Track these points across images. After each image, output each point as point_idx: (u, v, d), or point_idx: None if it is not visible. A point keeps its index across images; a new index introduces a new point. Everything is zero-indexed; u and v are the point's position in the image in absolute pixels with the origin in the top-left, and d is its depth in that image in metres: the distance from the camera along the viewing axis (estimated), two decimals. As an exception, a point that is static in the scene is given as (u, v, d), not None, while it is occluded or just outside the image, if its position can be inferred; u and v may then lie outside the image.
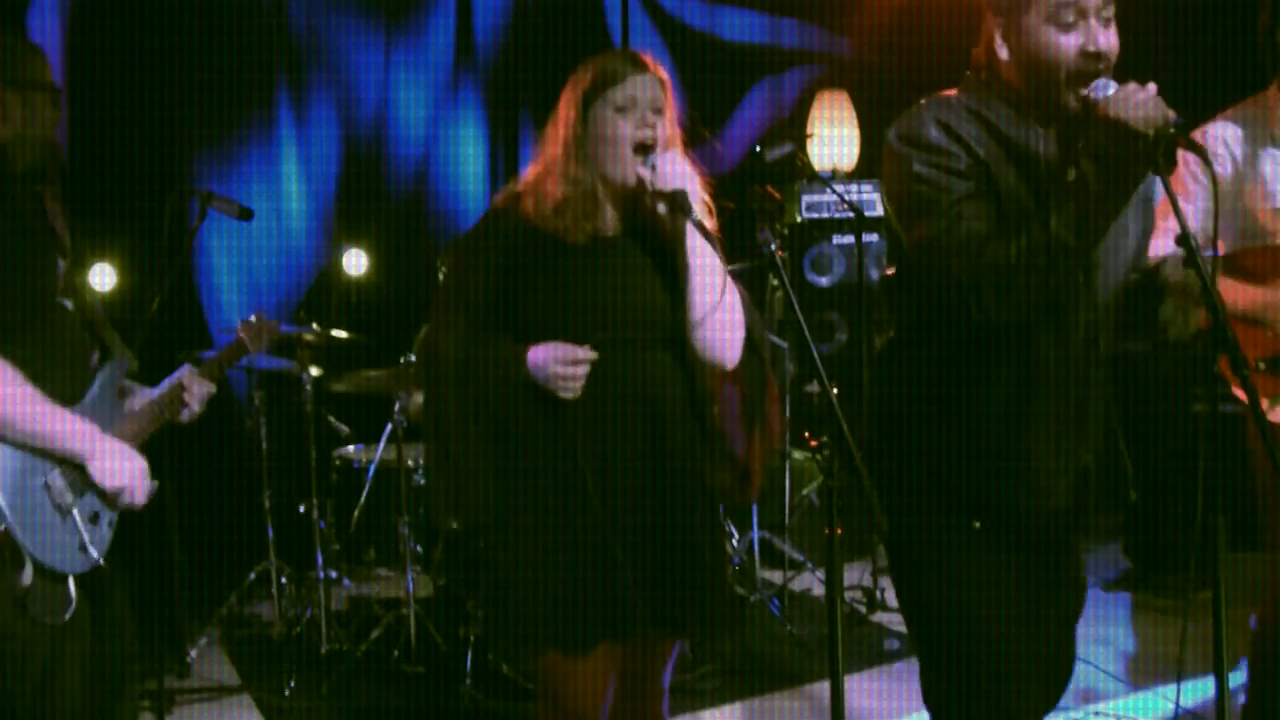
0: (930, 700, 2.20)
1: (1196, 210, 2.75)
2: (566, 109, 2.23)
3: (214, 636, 4.42)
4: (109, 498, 2.37)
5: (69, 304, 2.44)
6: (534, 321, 2.19)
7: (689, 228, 2.17)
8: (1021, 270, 1.90)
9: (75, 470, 2.33)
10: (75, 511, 2.32)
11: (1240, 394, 2.61)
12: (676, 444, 2.24)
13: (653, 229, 2.27)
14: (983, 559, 2.09)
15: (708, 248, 2.19)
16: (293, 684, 3.93)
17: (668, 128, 2.24)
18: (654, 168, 2.16)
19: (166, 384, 2.59)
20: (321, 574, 4.20)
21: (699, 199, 2.23)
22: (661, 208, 2.22)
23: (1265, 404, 2.75)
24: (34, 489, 2.26)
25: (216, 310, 5.30)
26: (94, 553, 2.36)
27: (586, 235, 2.20)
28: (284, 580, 4.46)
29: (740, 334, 2.27)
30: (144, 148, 4.93)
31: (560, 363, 2.13)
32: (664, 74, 2.26)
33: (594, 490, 2.17)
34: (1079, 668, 2.34)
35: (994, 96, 2.05)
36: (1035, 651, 2.16)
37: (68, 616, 2.28)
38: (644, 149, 2.17)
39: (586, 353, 2.14)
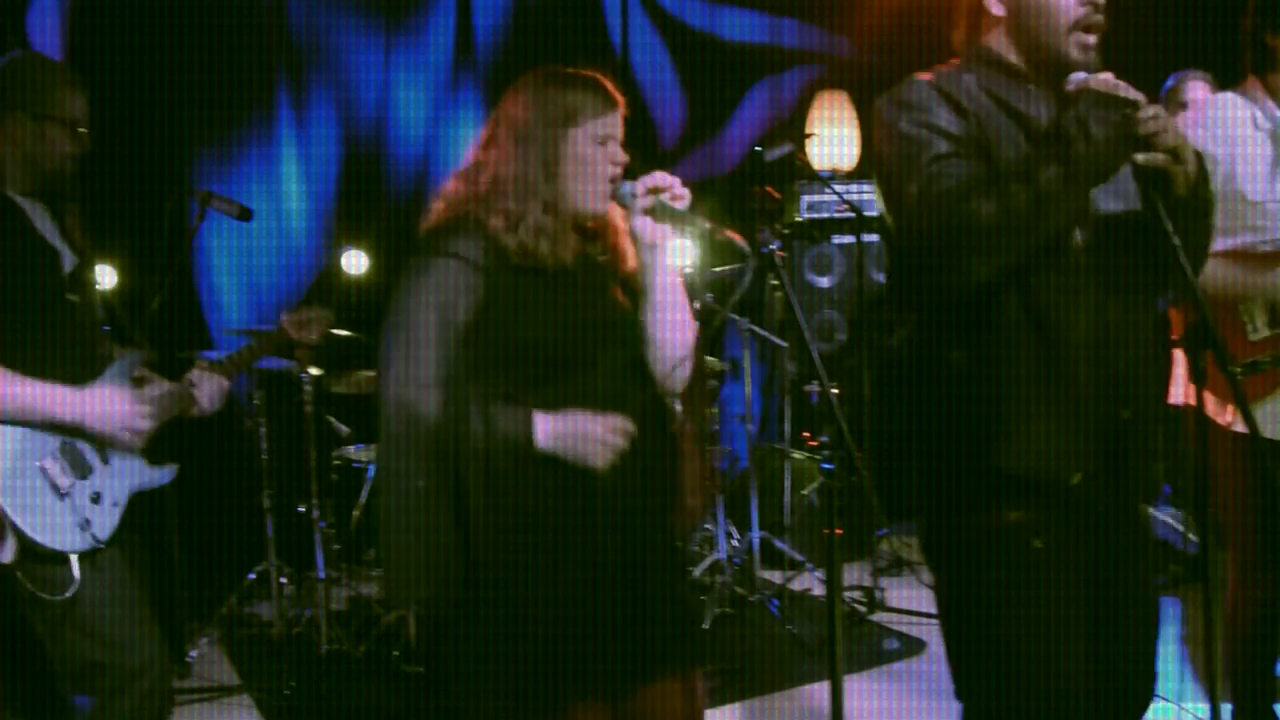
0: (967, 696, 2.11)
1: None
2: (536, 129, 2.09)
3: (214, 636, 4.43)
4: (115, 445, 2.46)
5: (75, 299, 2.50)
6: (515, 356, 2.07)
7: (660, 260, 2.14)
8: (1002, 225, 1.88)
9: (73, 452, 2.40)
10: (74, 493, 2.39)
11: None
12: (649, 476, 2.16)
13: (606, 255, 2.21)
14: (1032, 570, 1.99)
15: (672, 272, 2.16)
16: (293, 684, 3.93)
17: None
18: (659, 187, 2.10)
19: (179, 380, 2.67)
20: (322, 574, 4.20)
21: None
22: (643, 228, 2.13)
23: (1231, 410, 2.76)
24: (30, 472, 2.33)
25: (216, 310, 5.30)
26: (95, 531, 2.42)
27: (559, 262, 2.11)
28: (284, 580, 4.46)
29: (690, 356, 2.20)
30: (144, 148, 4.93)
31: (609, 431, 2.02)
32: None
33: (578, 533, 2.07)
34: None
35: (985, 64, 2.07)
36: (1097, 671, 2.05)
37: (69, 594, 2.35)
38: (614, 181, 2.12)
39: (625, 423, 2.05)
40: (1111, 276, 2.04)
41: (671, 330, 2.17)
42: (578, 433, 2.03)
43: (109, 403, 2.41)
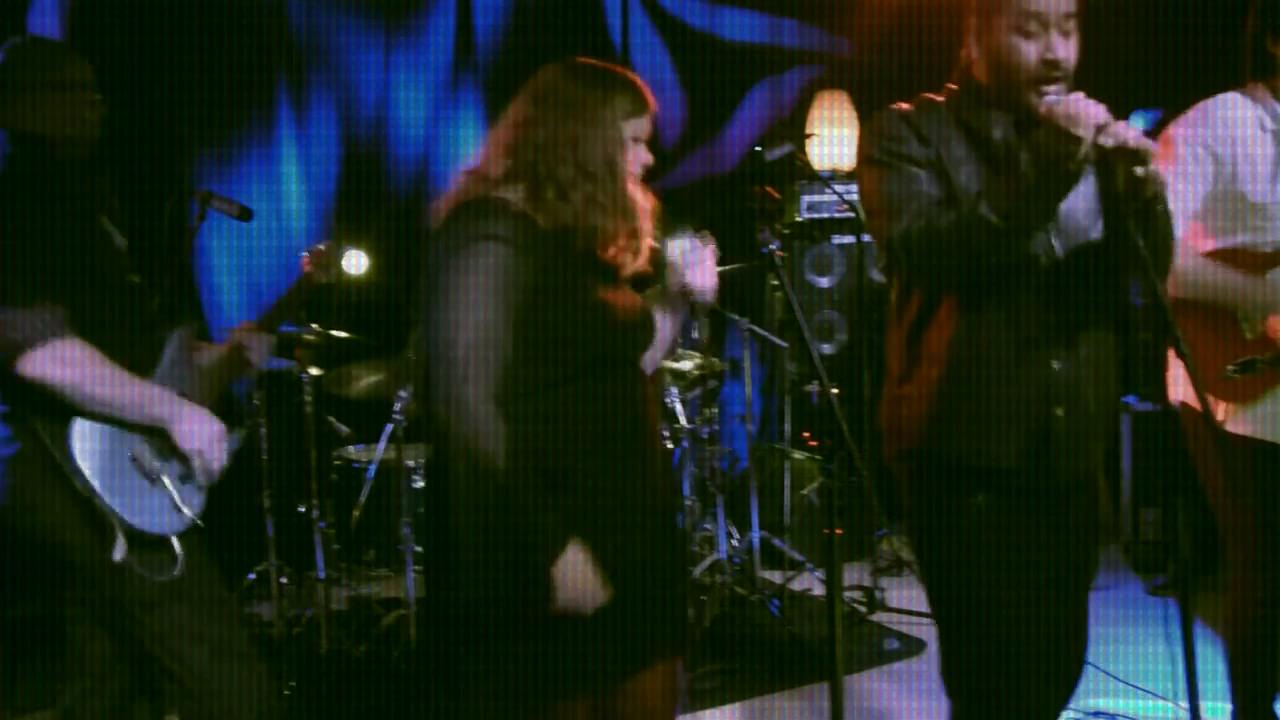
0: (949, 681, 2.30)
1: (1196, 193, 2.74)
2: (594, 115, 2.07)
3: (214, 636, 4.42)
4: (189, 461, 2.54)
5: (135, 279, 2.62)
6: (542, 345, 2.03)
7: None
8: (953, 243, 2.06)
9: (159, 438, 2.49)
10: (165, 476, 2.50)
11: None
12: (660, 464, 2.23)
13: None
14: (991, 535, 2.22)
15: (676, 317, 2.32)
16: (293, 684, 3.93)
17: None
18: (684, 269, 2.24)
19: (225, 344, 2.79)
20: (322, 574, 4.20)
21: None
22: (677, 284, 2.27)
23: (1226, 410, 2.75)
24: (123, 463, 2.43)
25: (216, 310, 5.30)
26: (188, 512, 2.55)
27: (629, 265, 2.17)
28: (284, 580, 4.46)
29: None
30: (144, 148, 4.92)
31: (588, 599, 2.01)
32: None
33: (618, 524, 2.10)
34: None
35: (970, 95, 2.25)
36: (1049, 627, 2.27)
37: (177, 572, 2.47)
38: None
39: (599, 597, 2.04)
40: (1065, 287, 2.20)
41: (667, 338, 2.30)
42: (575, 585, 1.99)
43: (201, 422, 2.50)
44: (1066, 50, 2.14)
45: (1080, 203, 2.21)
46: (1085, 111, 1.99)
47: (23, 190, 2.38)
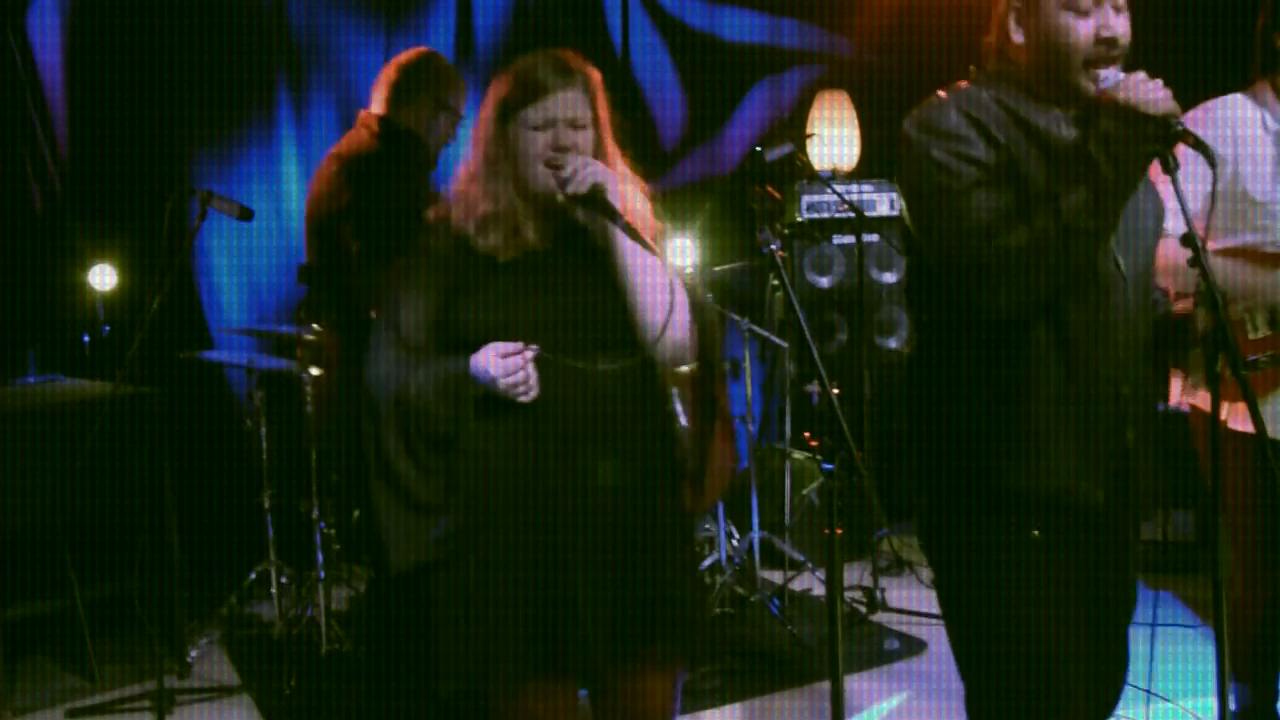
0: (972, 707, 2.16)
1: (1196, 192, 2.73)
2: (485, 118, 2.16)
3: (214, 636, 4.43)
4: None
5: None
6: (472, 343, 2.10)
7: (616, 230, 2.08)
8: (1032, 257, 1.89)
9: None
10: None
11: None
12: (636, 458, 2.16)
13: (580, 239, 2.17)
14: (1030, 562, 2.04)
15: (638, 249, 2.09)
16: (293, 684, 3.93)
17: (591, 137, 2.15)
18: (563, 176, 2.07)
19: None
20: (322, 574, 4.20)
21: (623, 196, 2.13)
22: (582, 214, 2.12)
23: (1232, 409, 2.74)
24: None
25: (216, 310, 5.30)
26: None
27: (515, 251, 2.13)
28: (284, 580, 4.46)
29: (686, 335, 2.16)
30: (144, 148, 4.92)
31: (504, 373, 2.04)
32: (593, 74, 2.17)
33: (554, 514, 2.10)
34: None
35: (1007, 83, 2.07)
36: (1084, 659, 2.11)
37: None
38: (554, 165, 2.09)
39: (516, 347, 2.05)
40: (1127, 299, 2.05)
41: (646, 294, 2.11)
42: (485, 373, 2.06)
43: None
44: (1121, 26, 1.98)
45: (1136, 204, 2.05)
46: (1149, 96, 1.85)
47: (392, 172, 2.90)
